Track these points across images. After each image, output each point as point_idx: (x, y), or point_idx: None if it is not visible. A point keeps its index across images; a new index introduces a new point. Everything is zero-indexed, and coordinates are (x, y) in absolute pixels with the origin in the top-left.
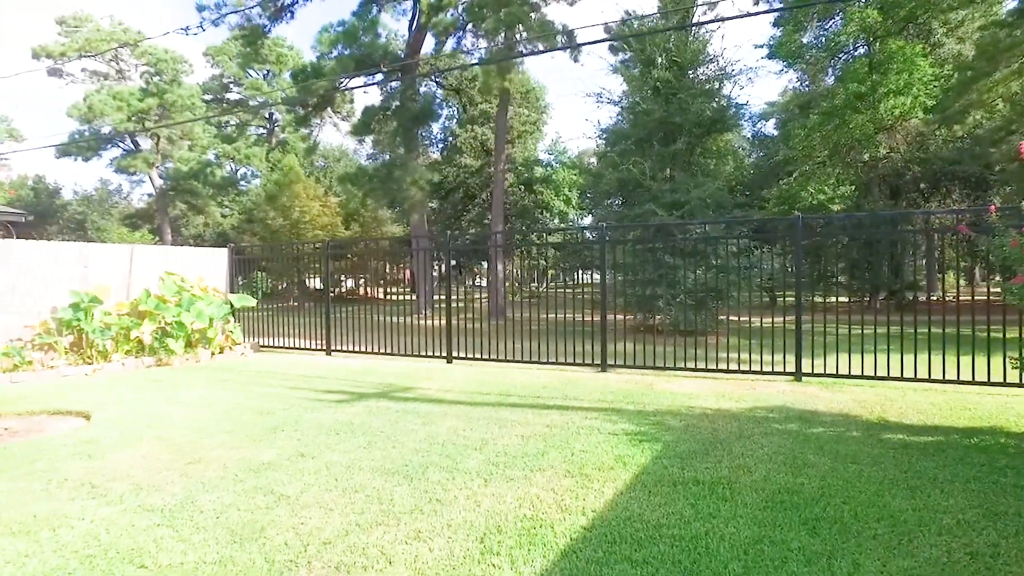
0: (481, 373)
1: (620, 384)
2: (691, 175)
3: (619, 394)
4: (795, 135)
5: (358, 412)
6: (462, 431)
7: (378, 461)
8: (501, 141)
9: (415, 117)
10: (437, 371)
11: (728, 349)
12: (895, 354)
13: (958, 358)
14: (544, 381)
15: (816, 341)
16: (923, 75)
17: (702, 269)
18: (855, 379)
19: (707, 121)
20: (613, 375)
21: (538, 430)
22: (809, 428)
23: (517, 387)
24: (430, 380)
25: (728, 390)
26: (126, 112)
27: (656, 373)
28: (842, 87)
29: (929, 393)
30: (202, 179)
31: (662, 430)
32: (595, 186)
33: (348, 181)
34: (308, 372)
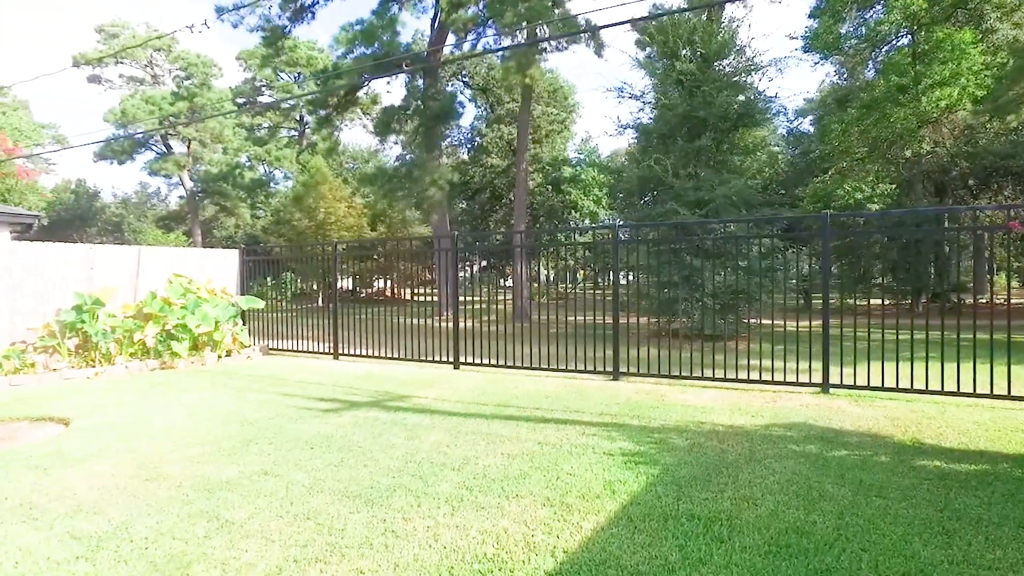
0: (486, 380)
1: (630, 395)
2: (717, 172)
3: (626, 406)
4: (831, 130)
5: (343, 423)
6: (445, 447)
7: (344, 482)
8: (524, 139)
9: (436, 116)
10: (441, 378)
11: (750, 356)
12: (935, 363)
13: (1009, 369)
14: (550, 390)
15: (849, 348)
16: (972, 64)
17: (726, 270)
18: (889, 392)
19: (734, 115)
20: (625, 384)
21: (528, 448)
22: (831, 450)
23: (519, 397)
24: (431, 388)
25: (746, 403)
26: (158, 116)
27: (671, 382)
28: (882, 79)
29: (973, 410)
30: (231, 181)
31: (664, 450)
32: (618, 185)
33: (368, 182)
34: (308, 377)
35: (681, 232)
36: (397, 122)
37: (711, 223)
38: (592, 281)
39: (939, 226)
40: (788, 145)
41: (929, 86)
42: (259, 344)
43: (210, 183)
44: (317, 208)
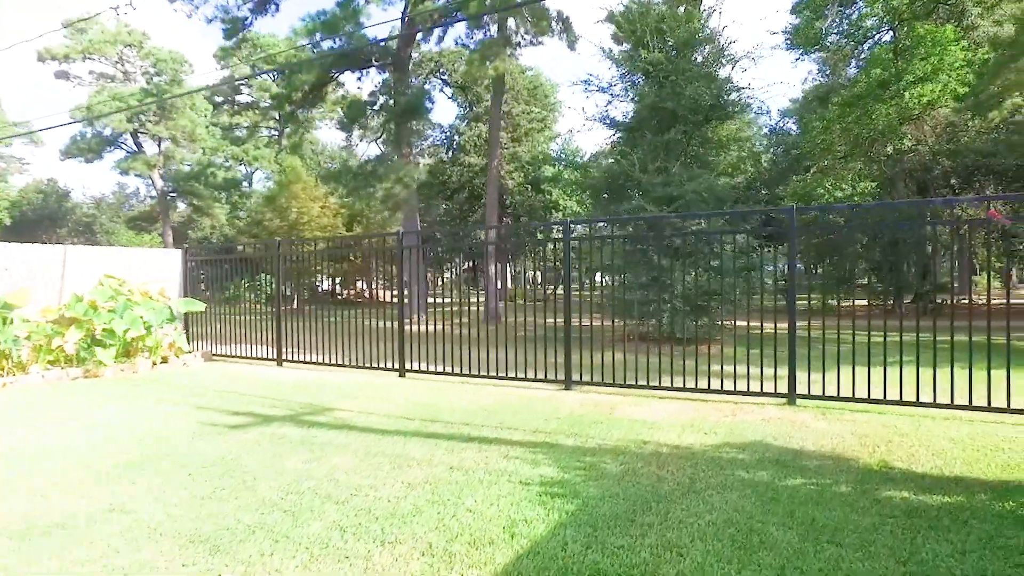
0: (427, 390)
1: (576, 407)
2: (687, 167)
3: (567, 421)
4: (812, 128)
5: (245, 442)
6: (343, 473)
7: (200, 521)
8: (496, 135)
9: (404, 111)
10: (381, 387)
11: (722, 362)
12: (911, 368)
13: (988, 377)
14: (491, 402)
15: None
16: (954, 60)
17: (696, 270)
18: (860, 403)
19: (705, 108)
20: (575, 395)
21: (436, 474)
22: (785, 478)
23: (454, 410)
24: (362, 399)
25: (702, 417)
26: (125, 113)
27: (626, 393)
28: (864, 74)
29: (950, 424)
30: (204, 181)
31: (590, 478)
32: (585, 181)
33: (333, 179)
34: (238, 387)
35: (640, 228)
36: (364, 117)
37: (669, 218)
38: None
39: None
40: (772, 144)
41: (911, 82)
42: (203, 350)
43: (181, 182)
44: (289, 208)
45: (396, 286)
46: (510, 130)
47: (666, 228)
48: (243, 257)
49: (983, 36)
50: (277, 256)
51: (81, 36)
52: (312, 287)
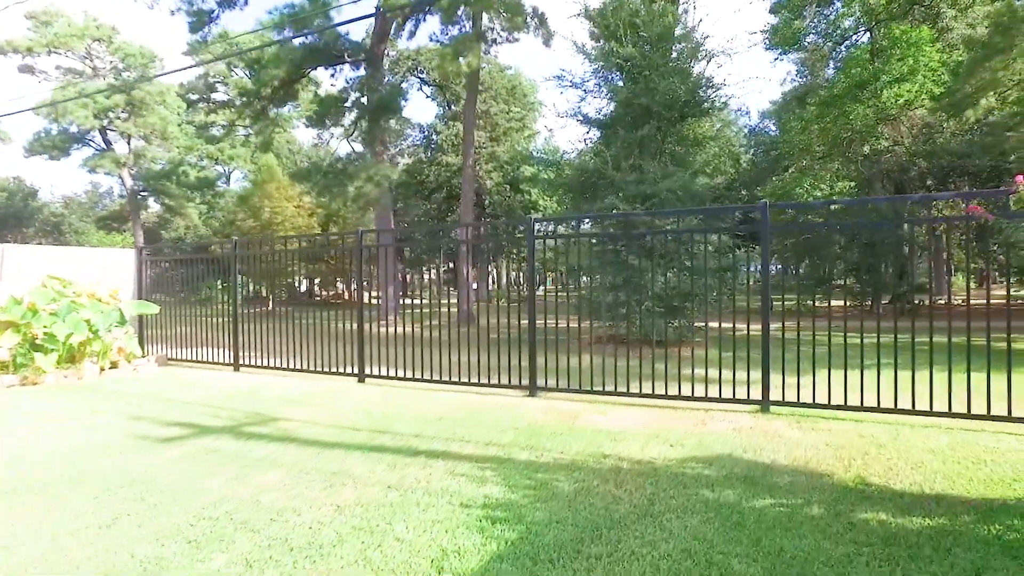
0: (384, 397)
1: (538, 416)
2: (662, 165)
3: (525, 432)
4: (791, 128)
5: (172, 458)
6: (269, 493)
7: (84, 558)
8: (470, 133)
9: (377, 108)
10: (336, 393)
11: (694, 366)
12: (888, 371)
13: (968, 382)
14: (448, 410)
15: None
16: (930, 61)
17: (670, 271)
18: (836, 410)
19: (679, 103)
20: (539, 402)
21: (371, 495)
22: (752, 498)
23: (408, 419)
24: (313, 406)
25: (669, 426)
26: (91, 109)
27: (593, 400)
28: (843, 74)
29: (929, 433)
30: (175, 180)
31: (539, 500)
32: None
33: (302, 178)
34: (184, 394)
35: (609, 227)
36: (334, 114)
37: (637, 216)
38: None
39: (894, 219)
40: (752, 145)
41: (888, 82)
42: (159, 354)
43: (151, 181)
44: (262, 208)
45: (357, 286)
46: (488, 129)
47: (636, 226)
48: (199, 257)
49: (957, 38)
50: (234, 256)
51: (46, 29)
52: (290, 288)
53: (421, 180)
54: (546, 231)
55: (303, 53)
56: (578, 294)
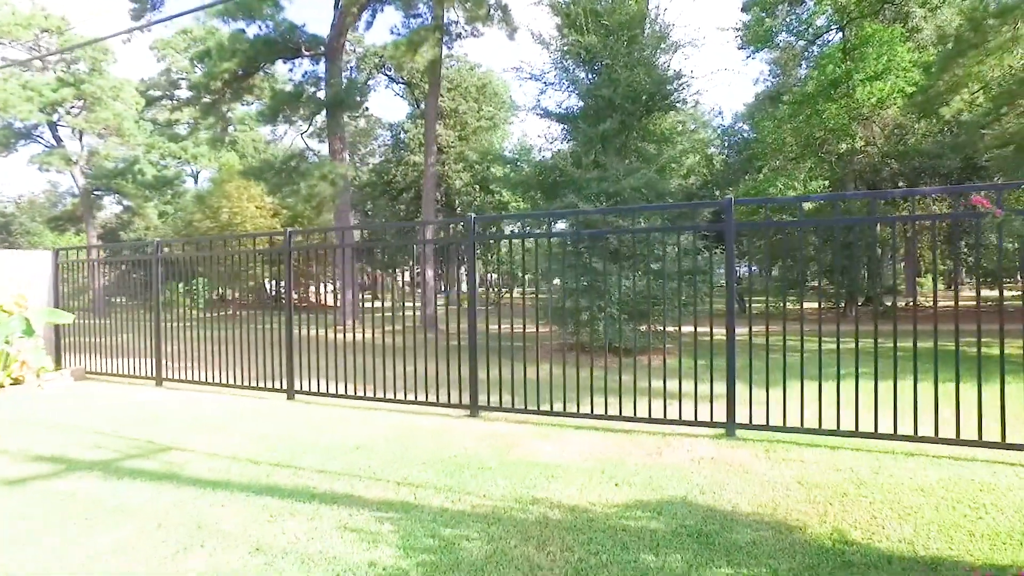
0: (307, 419)
1: (470, 444)
2: (627, 161)
3: (449, 466)
4: (764, 127)
5: (9, 508)
6: (102, 560)
7: None
8: (432, 130)
9: (332, 104)
10: (256, 414)
11: (652, 378)
12: (866, 383)
13: (957, 402)
14: (370, 437)
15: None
16: (901, 60)
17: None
18: (810, 434)
19: (644, 96)
20: (478, 425)
21: (227, 562)
22: (706, 565)
23: (319, 449)
24: (224, 432)
25: (620, 456)
26: (36, 103)
27: (539, 421)
28: (817, 71)
29: (917, 464)
30: (131, 178)
31: (437, 571)
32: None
33: (254, 176)
34: (79, 417)
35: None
36: (288, 110)
37: (588, 213)
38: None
39: (869, 216)
40: (724, 146)
41: (861, 80)
42: (76, 367)
43: (104, 180)
44: (220, 208)
45: (286, 292)
46: (457, 128)
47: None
48: (116, 260)
49: (927, 39)
50: (156, 259)
51: None
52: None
53: (388, 180)
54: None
55: (256, 45)
56: (534, 299)
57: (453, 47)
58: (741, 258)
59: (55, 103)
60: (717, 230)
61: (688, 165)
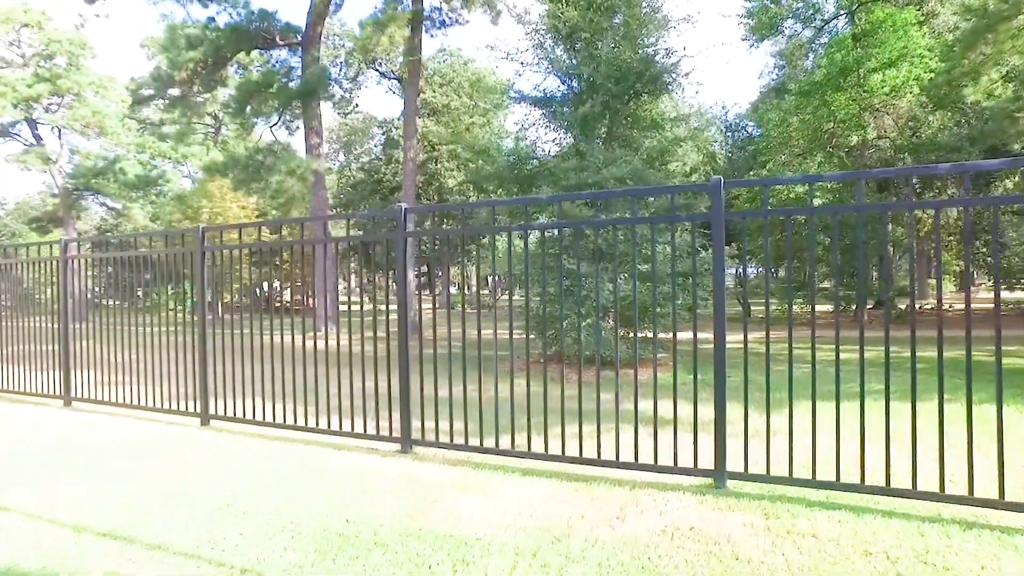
0: (204, 453)
1: (381, 497)
2: (608, 148)
3: (332, 538)
4: (769, 121)
5: None
6: None
7: None
8: (412, 122)
9: (301, 93)
10: (150, 446)
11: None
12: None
13: (1000, 450)
14: (258, 484)
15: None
16: (916, 46)
17: (620, 274)
18: (823, 489)
19: (631, 76)
20: (406, 465)
21: None
22: None
23: (184, 503)
24: (81, 475)
25: (566, 522)
26: (11, 98)
27: (482, 461)
28: (825, 59)
29: (980, 542)
30: (111, 178)
31: None
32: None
33: (217, 171)
34: None
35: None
36: (257, 101)
37: (539, 201)
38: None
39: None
40: (727, 143)
41: (874, 68)
42: None
43: (83, 179)
44: (200, 208)
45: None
46: (451, 125)
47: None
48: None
49: (943, 26)
50: (64, 261)
51: None
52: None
53: (379, 179)
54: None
55: (226, 34)
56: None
57: (436, 35)
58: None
59: (30, 99)
60: (702, 219)
61: (691, 164)
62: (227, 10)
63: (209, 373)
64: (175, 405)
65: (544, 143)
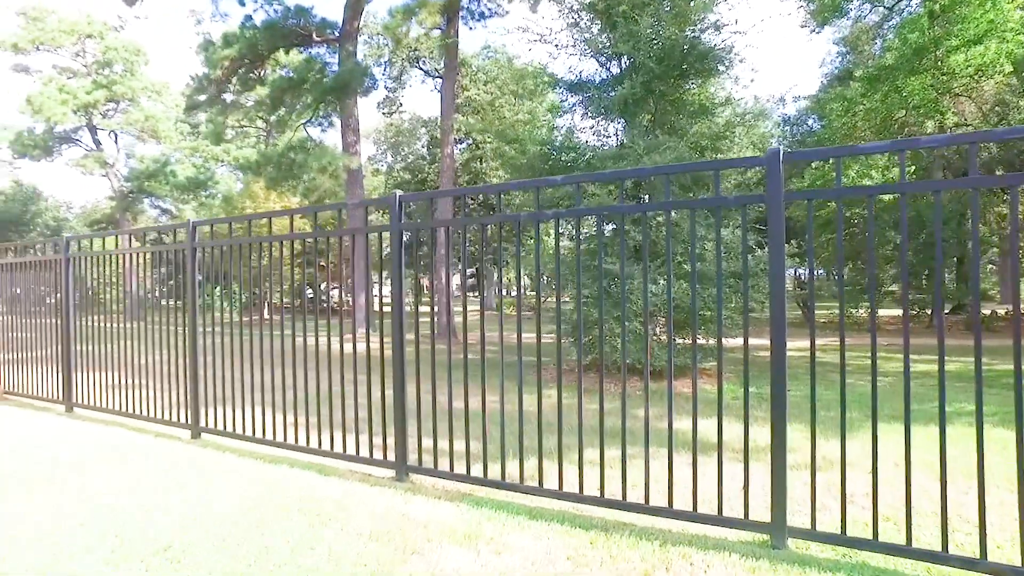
0: (179, 472)
1: (351, 544)
2: (649, 135)
3: None
4: (832, 111)
5: None
6: None
7: None
8: (448, 117)
9: (334, 88)
10: (122, 460)
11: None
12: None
13: None
14: (207, 523)
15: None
16: (1007, 20)
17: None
18: (924, 562)
19: (676, 56)
20: (394, 499)
21: None
22: None
23: (120, 543)
24: (32, 494)
25: None
26: (71, 105)
27: (483, 497)
28: (896, 42)
29: None
30: (162, 180)
31: None
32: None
33: (249, 168)
34: None
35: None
36: (291, 98)
37: (553, 183)
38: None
39: None
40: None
41: (955, 47)
42: None
43: (135, 181)
44: (245, 210)
45: (191, 298)
46: (495, 123)
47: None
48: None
49: None
50: (65, 260)
51: (34, 25)
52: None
53: (422, 179)
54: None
55: (261, 31)
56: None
57: (475, 27)
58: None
59: (89, 105)
60: (756, 201)
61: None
62: (263, 7)
63: (200, 382)
64: (170, 415)
65: (581, 131)
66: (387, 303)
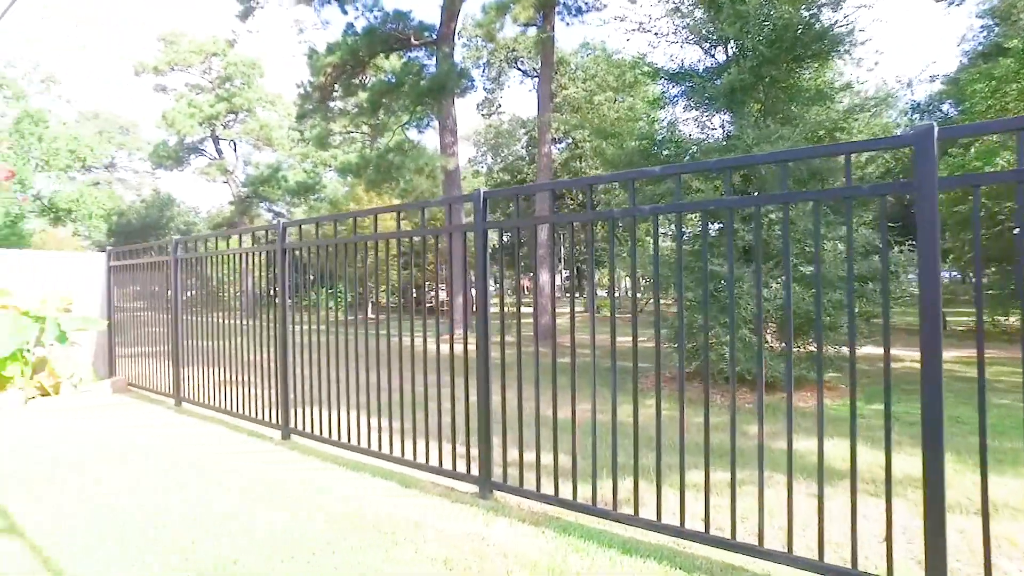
0: (254, 477)
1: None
2: (759, 125)
3: None
4: (974, 92)
5: None
6: None
7: None
8: (545, 114)
9: (430, 91)
10: (202, 460)
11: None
12: None
13: None
14: (283, 537)
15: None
16: None
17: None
18: None
19: (789, 37)
20: (480, 519)
21: None
22: None
23: (153, 555)
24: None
25: None
26: (197, 118)
27: (573, 522)
28: None
29: None
30: (274, 184)
31: None
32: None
33: (350, 172)
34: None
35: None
36: (389, 102)
37: (651, 174)
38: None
39: None
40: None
41: None
42: (118, 377)
43: (251, 187)
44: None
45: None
46: (594, 120)
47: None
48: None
49: None
50: (175, 259)
51: (170, 48)
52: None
53: (521, 179)
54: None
55: (361, 37)
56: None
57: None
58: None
59: (212, 117)
60: (901, 190)
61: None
62: (363, 14)
63: (290, 383)
64: (262, 415)
65: (683, 123)
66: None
